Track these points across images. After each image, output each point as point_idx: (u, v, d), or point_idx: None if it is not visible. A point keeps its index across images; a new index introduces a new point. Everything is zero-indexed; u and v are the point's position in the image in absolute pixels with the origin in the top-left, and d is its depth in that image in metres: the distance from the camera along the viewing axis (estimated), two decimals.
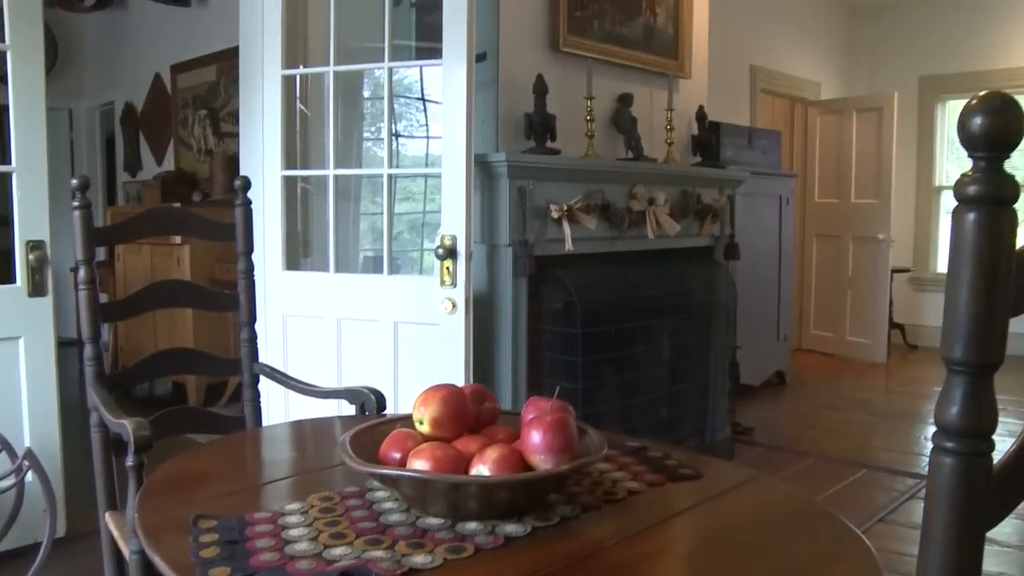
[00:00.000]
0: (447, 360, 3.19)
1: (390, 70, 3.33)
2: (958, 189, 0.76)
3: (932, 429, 4.01)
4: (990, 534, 0.84)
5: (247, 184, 2.64)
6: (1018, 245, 0.77)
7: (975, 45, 8.21)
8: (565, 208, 3.67)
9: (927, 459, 4.49)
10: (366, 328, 3.37)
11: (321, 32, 3.60)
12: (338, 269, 3.45)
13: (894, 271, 7.86)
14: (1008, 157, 0.75)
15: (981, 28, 8.19)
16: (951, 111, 8.68)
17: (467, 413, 1.53)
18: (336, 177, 3.48)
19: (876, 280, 7.66)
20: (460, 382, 3.14)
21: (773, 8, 7.59)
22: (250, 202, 2.64)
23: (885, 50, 8.83)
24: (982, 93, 0.76)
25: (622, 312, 4.05)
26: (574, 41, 4.04)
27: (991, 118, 0.74)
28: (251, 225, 2.66)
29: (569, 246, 3.69)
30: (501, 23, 3.75)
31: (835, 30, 8.66)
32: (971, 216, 0.75)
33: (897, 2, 8.55)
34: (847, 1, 8.63)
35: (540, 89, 3.71)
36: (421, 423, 1.48)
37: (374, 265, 4.03)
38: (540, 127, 3.71)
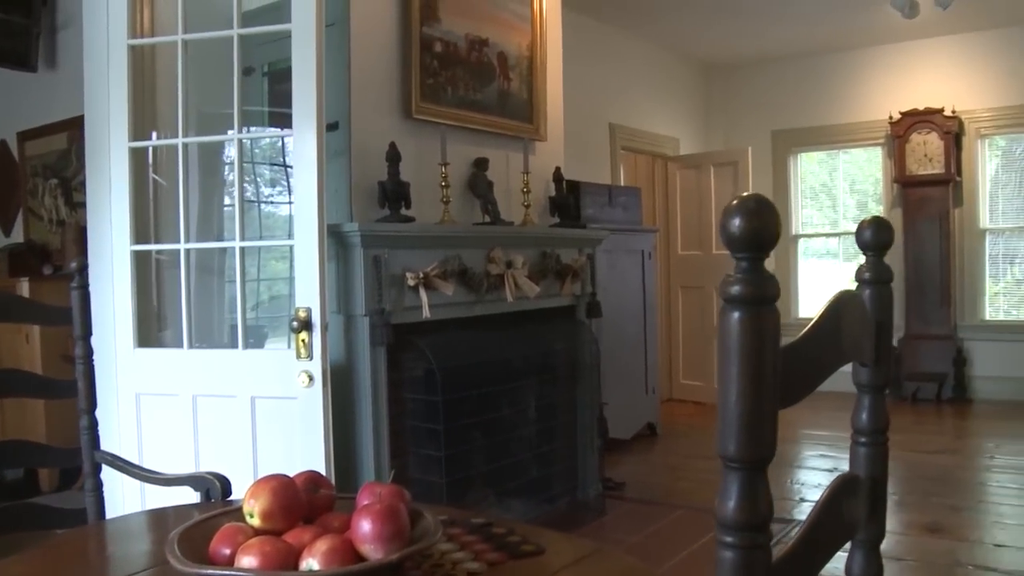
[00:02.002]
0: (307, 434, 3.11)
1: (240, 142, 3.28)
2: (722, 289, 0.78)
3: (801, 473, 4.17)
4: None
5: (83, 266, 2.55)
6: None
7: (822, 102, 8.69)
8: (421, 275, 3.66)
9: (794, 504, 4.66)
10: (223, 404, 3.27)
11: (172, 98, 3.51)
12: (199, 341, 3.35)
13: None
14: (767, 256, 0.78)
15: (827, 86, 8.67)
16: (803, 162, 9.12)
17: (299, 503, 1.49)
18: (190, 250, 3.39)
19: None
20: (320, 456, 3.08)
21: (630, 68, 7.83)
22: (86, 284, 2.55)
23: (739, 106, 9.22)
24: (742, 195, 0.78)
25: (484, 376, 4.06)
26: (427, 108, 4.07)
27: (748, 220, 0.77)
28: (89, 308, 2.56)
29: (426, 313, 3.68)
30: (352, 92, 3.75)
31: (691, 88, 8.99)
32: (735, 316, 0.77)
33: (749, 61, 8.95)
34: (702, 60, 8.98)
35: (393, 157, 3.72)
36: (251, 516, 1.43)
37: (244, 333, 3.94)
38: (394, 195, 3.70)
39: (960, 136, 7.93)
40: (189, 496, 2.45)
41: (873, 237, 1.17)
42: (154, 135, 3.59)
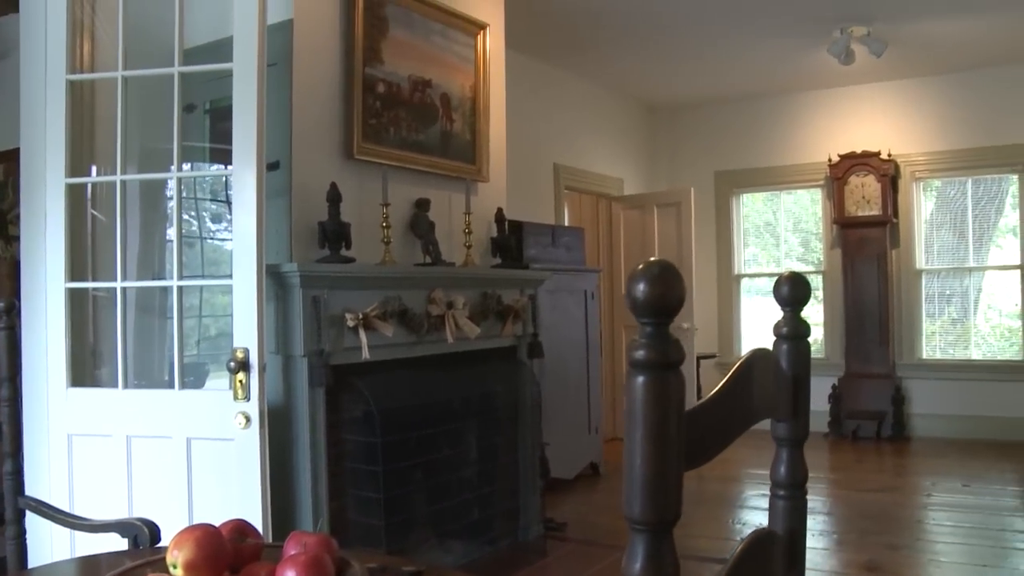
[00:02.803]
0: (244, 477, 3.07)
1: (179, 180, 3.26)
2: (628, 354, 0.79)
3: (744, 513, 4.20)
4: None
5: (10, 306, 2.50)
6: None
7: (763, 144, 8.86)
8: (361, 316, 3.65)
9: (736, 545, 4.71)
10: (158, 446, 3.20)
11: (112, 133, 3.46)
12: (139, 379, 3.29)
13: (700, 357, 8.16)
14: (671, 321, 0.79)
15: (768, 128, 8.85)
16: (745, 203, 9.27)
17: (224, 553, 1.47)
18: (127, 288, 3.33)
19: (683, 368, 7.91)
20: (257, 499, 3.04)
21: (575, 109, 7.92)
22: (14, 325, 2.50)
23: (683, 148, 9.36)
24: (648, 260, 0.80)
25: (424, 417, 4.04)
26: (369, 148, 4.07)
27: (652, 286, 0.78)
28: (16, 349, 2.52)
29: (366, 354, 3.66)
30: (294, 131, 3.74)
31: (636, 129, 9.10)
32: (639, 380, 0.78)
33: (692, 103, 9.11)
34: (646, 102, 9.10)
35: (334, 197, 3.71)
36: (175, 567, 1.41)
37: (185, 371, 3.86)
38: (334, 235, 3.69)
39: (896, 179, 8.12)
40: (118, 543, 2.40)
41: (790, 292, 1.19)
42: (93, 170, 3.54)
